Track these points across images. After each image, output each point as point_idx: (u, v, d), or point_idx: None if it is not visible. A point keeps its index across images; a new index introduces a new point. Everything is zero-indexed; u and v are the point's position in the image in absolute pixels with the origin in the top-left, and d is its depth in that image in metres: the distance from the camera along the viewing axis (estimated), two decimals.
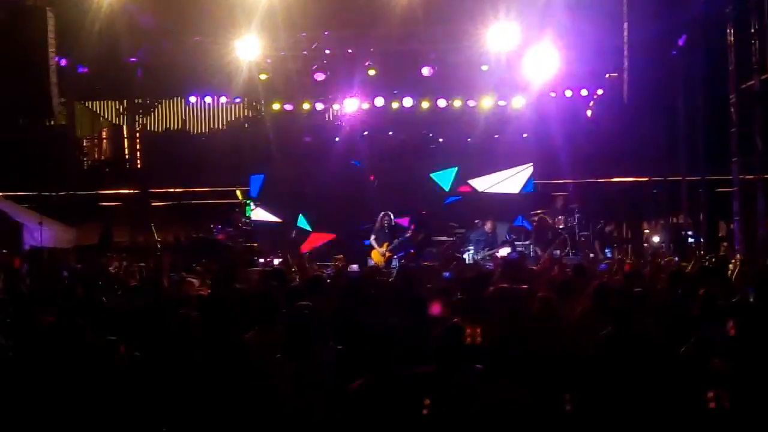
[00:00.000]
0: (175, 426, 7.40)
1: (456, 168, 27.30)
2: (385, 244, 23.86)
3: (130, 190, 30.09)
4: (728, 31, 21.14)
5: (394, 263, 23.22)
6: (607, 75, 26.10)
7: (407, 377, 6.98)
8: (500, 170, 27.25)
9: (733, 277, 15.30)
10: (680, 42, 22.93)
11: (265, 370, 7.49)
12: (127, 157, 33.53)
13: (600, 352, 7.98)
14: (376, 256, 23.78)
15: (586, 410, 7.20)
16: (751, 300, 10.61)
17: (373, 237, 24.17)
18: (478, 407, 6.86)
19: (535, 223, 25.23)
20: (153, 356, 8.22)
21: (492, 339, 8.26)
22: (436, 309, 9.68)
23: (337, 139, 29.10)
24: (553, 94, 26.87)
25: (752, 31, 20.43)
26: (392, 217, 24.32)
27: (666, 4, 21.01)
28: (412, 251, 24.03)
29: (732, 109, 21.40)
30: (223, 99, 28.99)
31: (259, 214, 27.71)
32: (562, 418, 7.13)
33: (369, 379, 6.95)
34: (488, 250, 23.68)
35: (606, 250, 25.63)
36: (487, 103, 27.17)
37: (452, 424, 6.79)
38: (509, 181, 27.36)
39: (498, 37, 24.66)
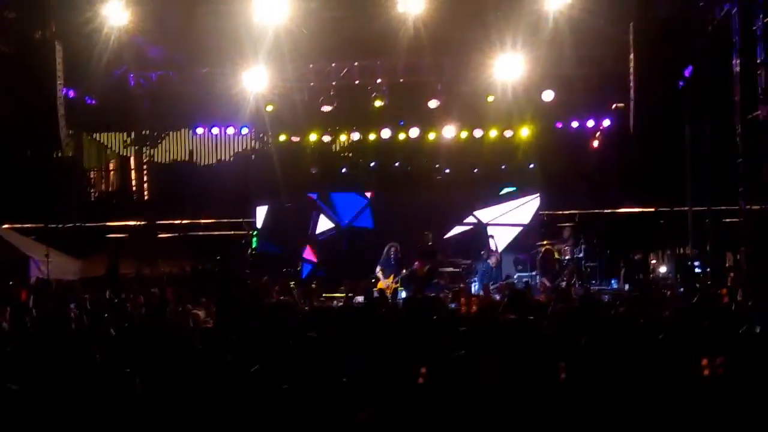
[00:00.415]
0: None
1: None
2: (391, 276, 23.82)
3: (136, 221, 30.09)
4: (734, 61, 21.15)
5: (401, 295, 23.19)
6: (614, 106, 26.12)
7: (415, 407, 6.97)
8: (507, 201, 27.30)
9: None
10: (686, 72, 22.93)
11: (272, 402, 7.48)
12: (134, 188, 33.54)
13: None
14: (382, 286, 23.75)
15: None
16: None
17: (378, 268, 24.14)
18: None
19: (540, 254, 25.18)
20: (160, 387, 8.20)
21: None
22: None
23: (344, 170, 29.18)
24: (559, 125, 26.91)
25: (758, 61, 20.43)
26: (398, 248, 24.29)
27: (672, 34, 21.04)
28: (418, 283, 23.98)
29: (738, 140, 21.38)
30: (230, 130, 29.01)
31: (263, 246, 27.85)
32: None
33: (376, 409, 6.93)
34: (493, 284, 23.63)
35: (612, 281, 25.57)
36: (493, 133, 27.22)
37: None
38: (516, 211, 27.40)
39: (504, 68, 24.73)
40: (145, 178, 32.77)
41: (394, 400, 7.06)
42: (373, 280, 24.22)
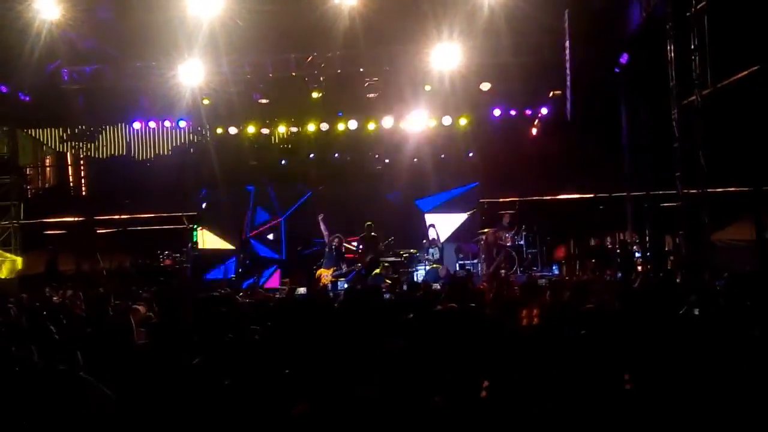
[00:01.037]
0: None
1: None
2: (332, 269, 23.83)
3: (75, 217, 29.79)
4: (668, 47, 21.33)
5: (340, 285, 23.19)
6: (551, 93, 26.28)
7: (353, 400, 6.92)
8: (447, 189, 27.41)
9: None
10: (622, 59, 23.12)
11: (216, 397, 7.42)
12: (71, 184, 33.22)
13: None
14: (322, 276, 23.77)
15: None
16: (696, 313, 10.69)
17: (322, 260, 24.18)
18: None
19: (481, 242, 25.29)
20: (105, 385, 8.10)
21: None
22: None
23: (283, 161, 29.11)
24: (497, 113, 27.00)
25: (692, 47, 20.63)
26: (342, 240, 24.29)
27: (607, 21, 21.19)
28: (361, 272, 24.01)
29: (674, 125, 21.58)
30: (167, 124, 28.81)
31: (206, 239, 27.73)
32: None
33: (314, 403, 6.89)
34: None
35: (553, 267, 25.76)
36: (431, 123, 27.26)
37: None
38: (456, 201, 27.54)
39: (440, 57, 24.77)
40: (82, 174, 32.47)
41: (335, 394, 7.02)
42: (314, 268, 24.27)
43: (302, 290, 21.45)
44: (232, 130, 28.03)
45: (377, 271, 24.09)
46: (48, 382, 7.78)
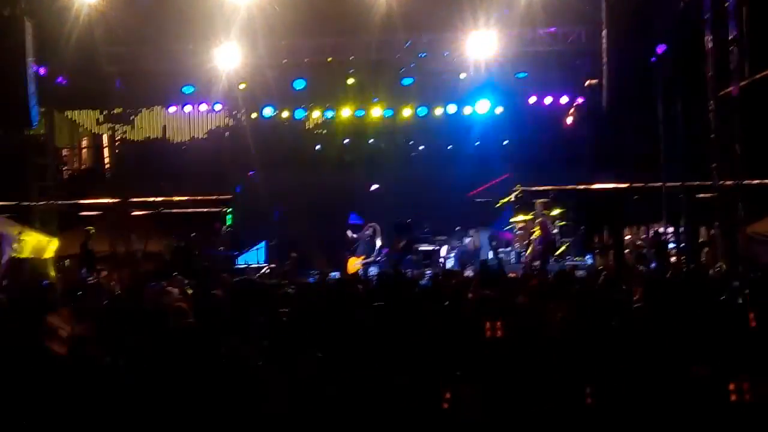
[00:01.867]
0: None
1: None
2: (362, 257, 23.85)
3: (109, 199, 29.93)
4: (706, 37, 21.20)
5: (372, 270, 23.21)
6: (587, 82, 26.17)
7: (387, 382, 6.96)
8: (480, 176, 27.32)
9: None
10: (659, 49, 22.97)
11: (250, 377, 7.48)
12: (107, 166, 33.36)
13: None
14: (351, 266, 23.77)
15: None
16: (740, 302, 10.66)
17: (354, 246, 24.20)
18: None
19: (522, 229, 25.22)
20: (137, 364, 8.16)
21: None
22: None
23: (318, 147, 29.15)
24: (533, 101, 26.94)
25: (730, 38, 20.50)
26: (377, 230, 24.27)
27: (645, 11, 21.06)
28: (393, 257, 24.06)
29: (711, 116, 21.46)
30: (203, 107, 28.88)
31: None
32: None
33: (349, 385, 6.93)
34: (466, 257, 23.69)
35: (587, 257, 25.67)
36: (466, 110, 27.21)
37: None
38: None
39: (477, 45, 24.71)
40: (117, 156, 32.59)
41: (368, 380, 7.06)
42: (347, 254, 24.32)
43: (335, 274, 21.53)
44: (268, 115, 28.02)
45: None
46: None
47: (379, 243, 24.29)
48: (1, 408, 7.31)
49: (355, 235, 24.64)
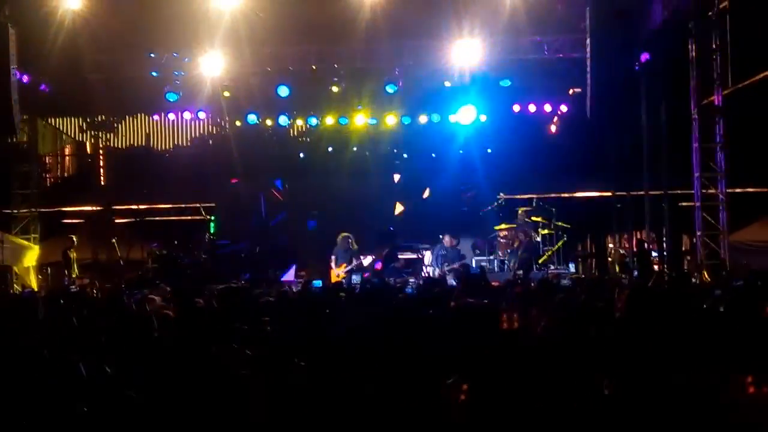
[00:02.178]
0: None
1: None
2: (343, 266, 23.81)
3: (93, 206, 29.87)
4: (690, 46, 21.30)
5: (355, 279, 23.20)
6: (571, 91, 26.26)
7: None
8: (464, 186, 27.33)
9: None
10: (643, 57, 23.06)
11: (234, 386, 7.45)
12: (90, 173, 33.31)
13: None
14: (333, 276, 23.74)
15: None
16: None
17: (333, 257, 24.09)
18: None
19: (504, 237, 25.24)
20: (121, 374, 8.12)
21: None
22: None
23: (301, 155, 29.16)
24: (516, 109, 26.99)
25: (713, 46, 20.60)
26: (353, 240, 24.21)
27: (628, 19, 21.15)
28: (377, 266, 24.06)
29: (694, 124, 21.56)
30: (186, 115, 28.83)
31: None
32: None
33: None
34: (447, 265, 23.67)
35: (570, 265, 25.72)
36: (451, 119, 27.23)
37: None
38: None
39: (462, 54, 24.76)
40: (101, 163, 32.54)
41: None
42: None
43: (317, 282, 21.53)
44: (252, 122, 27.98)
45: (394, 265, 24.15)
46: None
47: (366, 255, 24.27)
48: None
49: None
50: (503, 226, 25.51)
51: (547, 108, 27.34)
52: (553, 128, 28.24)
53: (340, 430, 6.75)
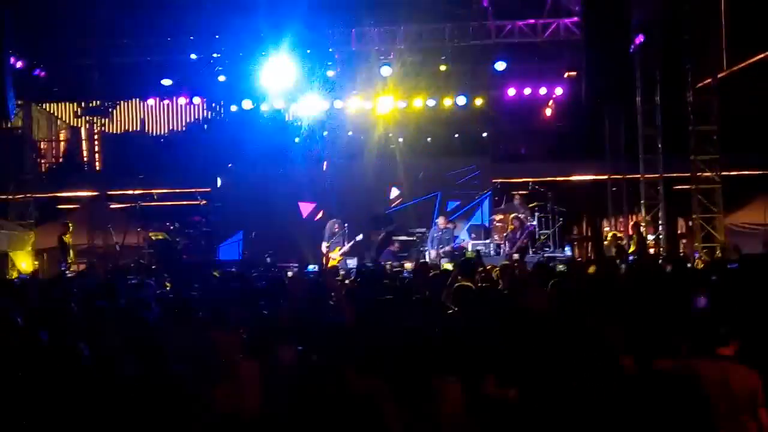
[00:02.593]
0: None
1: None
2: (337, 249, 23.75)
3: (88, 192, 29.84)
4: (685, 29, 21.29)
5: (351, 263, 23.14)
6: (566, 74, 26.26)
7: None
8: (461, 168, 27.24)
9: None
10: (638, 40, 23.04)
11: (230, 370, 7.47)
12: (85, 158, 33.29)
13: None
14: (329, 261, 23.63)
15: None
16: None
17: (325, 245, 24.03)
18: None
19: (495, 222, 25.23)
20: (115, 358, 8.12)
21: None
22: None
23: (297, 139, 29.10)
24: (512, 92, 26.98)
25: (708, 29, 20.59)
26: (342, 223, 24.18)
27: (623, 2, 21.11)
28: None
29: (689, 107, 21.56)
30: (181, 100, 28.74)
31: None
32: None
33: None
34: (442, 247, 23.64)
35: (566, 249, 25.72)
36: (447, 102, 27.18)
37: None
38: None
39: (456, 36, 24.78)
40: (96, 148, 32.50)
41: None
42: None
43: (313, 267, 21.51)
44: (246, 107, 27.91)
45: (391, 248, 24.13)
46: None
47: (359, 236, 24.23)
48: None
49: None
50: (499, 209, 25.54)
51: (542, 91, 27.31)
52: (549, 112, 28.25)
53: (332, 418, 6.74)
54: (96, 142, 32.36)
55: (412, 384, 6.91)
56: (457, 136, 28.59)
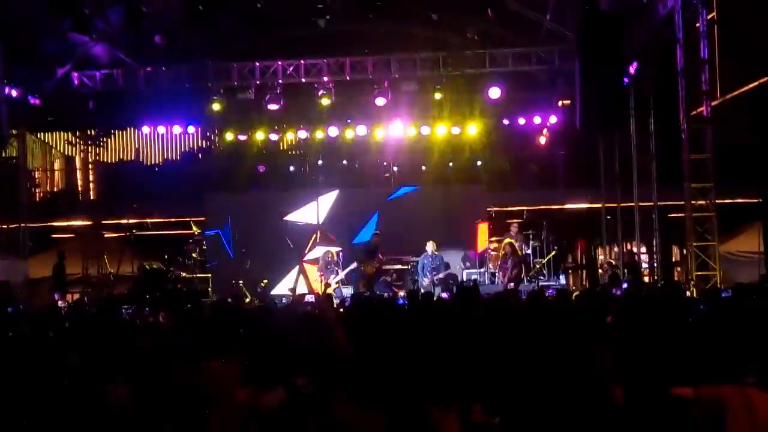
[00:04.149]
0: None
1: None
2: (332, 278, 23.72)
3: (83, 221, 29.82)
4: (678, 57, 21.32)
5: (346, 292, 23.11)
6: (560, 102, 26.32)
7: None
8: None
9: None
10: (631, 69, 23.10)
11: (226, 399, 7.43)
12: (80, 188, 33.28)
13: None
14: (320, 288, 23.55)
15: None
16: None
17: (319, 274, 23.99)
18: None
19: (490, 251, 25.21)
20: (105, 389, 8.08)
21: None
22: None
23: (291, 168, 29.16)
24: (506, 122, 27.03)
25: (702, 57, 20.63)
26: (334, 252, 24.18)
27: (617, 31, 21.16)
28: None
29: (683, 135, 21.57)
30: (176, 129, 28.74)
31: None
32: None
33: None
34: (435, 274, 23.62)
35: (560, 277, 25.70)
36: (441, 130, 27.23)
37: None
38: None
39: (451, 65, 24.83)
40: (91, 178, 32.50)
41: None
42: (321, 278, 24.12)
43: (309, 297, 21.44)
44: (242, 137, 27.95)
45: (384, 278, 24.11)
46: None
47: (354, 264, 24.22)
48: None
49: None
50: (494, 239, 25.49)
51: (537, 120, 27.36)
52: (543, 140, 28.29)
53: None
54: (90, 171, 32.38)
55: (408, 415, 6.87)
56: (451, 164, 28.64)
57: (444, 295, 19.55)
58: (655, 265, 24.84)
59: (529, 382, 7.36)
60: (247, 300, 21.51)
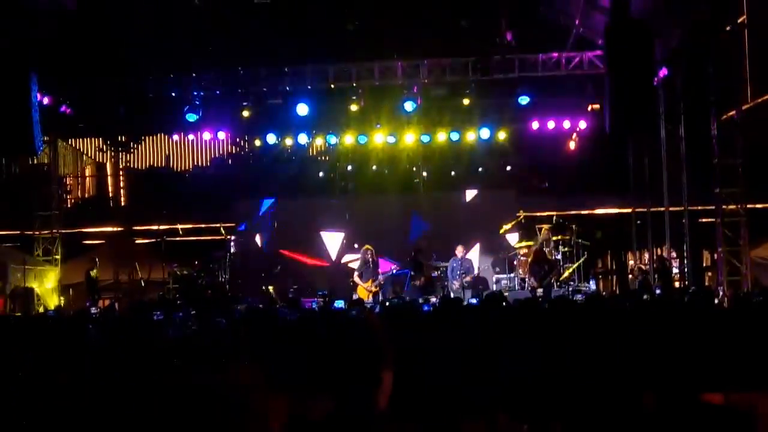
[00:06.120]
0: None
1: None
2: (370, 281, 23.58)
3: (113, 227, 30.00)
4: (708, 61, 21.25)
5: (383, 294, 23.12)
6: (590, 107, 26.25)
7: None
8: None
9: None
10: (662, 73, 23.04)
11: (254, 409, 7.43)
12: (110, 194, 33.46)
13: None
14: (362, 292, 23.37)
15: None
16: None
17: (356, 274, 23.90)
18: None
19: (525, 255, 25.13)
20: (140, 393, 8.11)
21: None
22: None
23: (321, 174, 29.21)
24: (535, 126, 26.97)
25: (732, 61, 20.55)
26: (374, 251, 24.09)
27: (647, 35, 21.10)
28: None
29: (713, 140, 21.50)
30: (206, 135, 28.82)
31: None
32: None
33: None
34: (464, 277, 23.59)
35: (590, 281, 25.62)
36: (470, 136, 27.21)
37: None
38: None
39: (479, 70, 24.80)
40: (121, 184, 32.69)
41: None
42: (351, 284, 24.03)
43: (339, 303, 21.38)
44: (272, 141, 27.96)
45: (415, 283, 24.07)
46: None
47: (395, 267, 24.23)
48: None
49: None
50: (523, 243, 25.40)
51: (566, 124, 27.27)
52: (572, 145, 28.22)
53: None
54: (121, 178, 32.57)
55: (442, 428, 6.87)
56: (480, 169, 28.63)
57: (473, 300, 19.50)
58: (686, 270, 24.72)
59: (558, 389, 7.36)
60: (278, 306, 21.52)
